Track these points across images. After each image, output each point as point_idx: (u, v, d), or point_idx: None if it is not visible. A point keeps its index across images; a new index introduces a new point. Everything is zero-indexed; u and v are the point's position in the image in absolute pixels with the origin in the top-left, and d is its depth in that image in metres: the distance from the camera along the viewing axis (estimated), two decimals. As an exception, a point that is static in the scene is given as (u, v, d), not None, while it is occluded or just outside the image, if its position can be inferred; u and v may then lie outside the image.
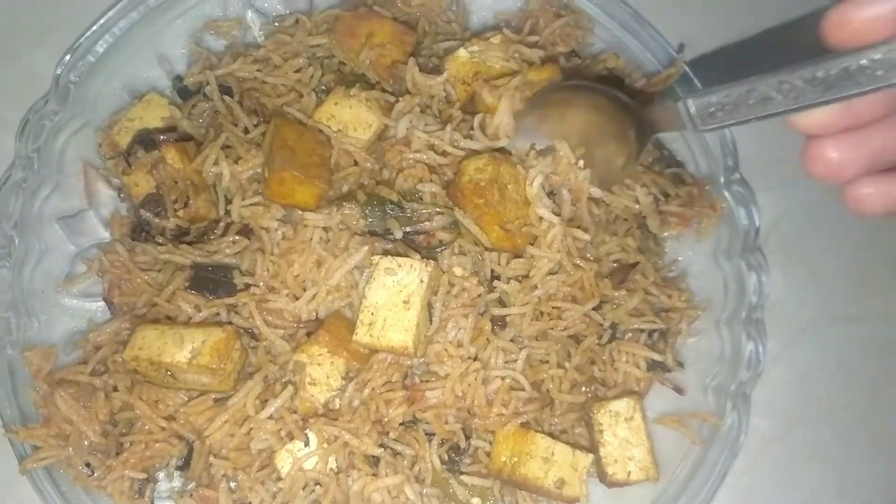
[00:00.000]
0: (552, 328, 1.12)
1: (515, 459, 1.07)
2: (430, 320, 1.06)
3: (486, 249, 1.09)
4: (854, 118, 0.75)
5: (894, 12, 0.69)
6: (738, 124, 0.80)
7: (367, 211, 1.07)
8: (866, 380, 1.28)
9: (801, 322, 1.29)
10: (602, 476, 1.12)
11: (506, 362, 1.09)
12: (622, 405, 1.12)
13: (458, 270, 1.07)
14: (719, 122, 0.81)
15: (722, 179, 1.22)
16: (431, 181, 1.10)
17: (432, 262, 1.05)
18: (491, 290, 1.10)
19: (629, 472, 1.11)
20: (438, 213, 1.07)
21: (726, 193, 1.21)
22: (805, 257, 1.32)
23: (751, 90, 0.77)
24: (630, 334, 1.17)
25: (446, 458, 1.10)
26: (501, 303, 1.10)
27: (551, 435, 1.10)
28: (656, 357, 1.16)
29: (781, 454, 1.25)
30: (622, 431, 1.12)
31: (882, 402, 1.27)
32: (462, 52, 1.16)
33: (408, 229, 1.08)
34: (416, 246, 1.09)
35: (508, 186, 1.07)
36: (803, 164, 0.78)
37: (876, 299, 1.30)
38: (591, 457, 1.09)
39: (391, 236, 1.07)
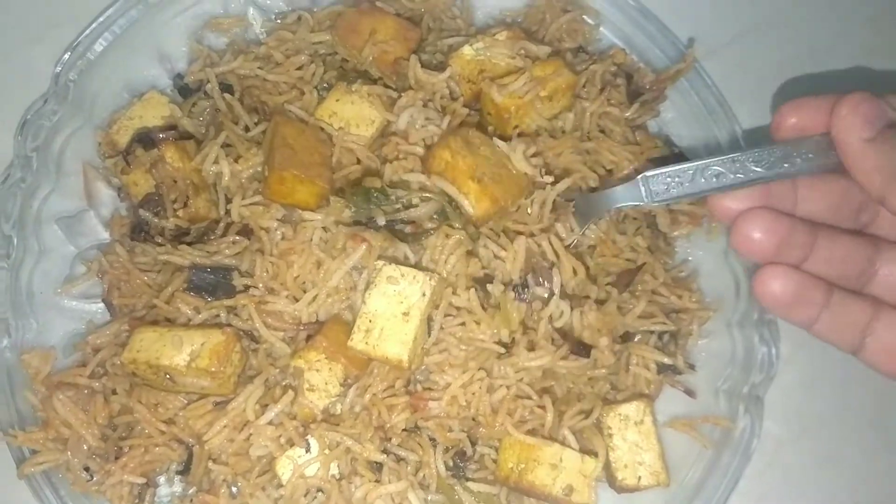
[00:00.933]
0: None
1: (522, 466, 1.04)
2: (429, 334, 1.04)
3: (474, 225, 1.06)
4: (764, 202, 0.88)
5: (823, 110, 0.86)
6: (690, 198, 0.92)
7: (351, 201, 1.05)
8: (880, 381, 1.22)
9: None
10: (611, 481, 1.09)
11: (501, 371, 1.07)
12: (632, 409, 1.09)
13: (461, 300, 1.05)
14: (673, 195, 0.92)
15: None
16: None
17: (437, 275, 1.02)
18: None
19: (639, 477, 1.08)
20: (426, 198, 1.05)
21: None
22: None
23: (707, 168, 0.89)
24: (640, 336, 1.15)
25: (451, 464, 1.07)
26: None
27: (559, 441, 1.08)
28: (666, 360, 1.13)
29: (794, 458, 1.22)
30: (632, 435, 1.09)
31: (894, 404, 1.24)
32: (467, 50, 1.14)
33: (394, 217, 1.06)
34: (403, 235, 1.07)
35: (480, 147, 1.05)
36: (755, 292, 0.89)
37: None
38: (600, 462, 1.06)
39: (375, 225, 1.05)
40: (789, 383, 1.21)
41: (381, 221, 1.05)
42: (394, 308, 1.00)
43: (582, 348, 1.07)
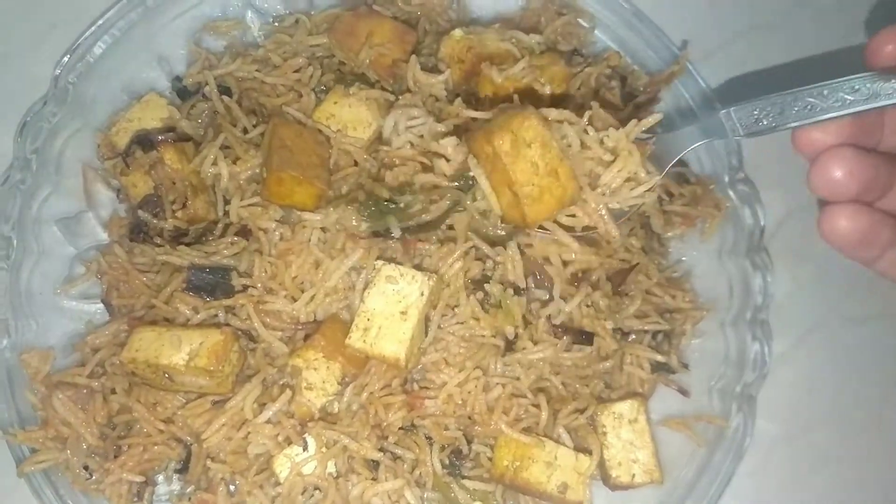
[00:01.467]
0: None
1: (517, 464, 1.05)
2: (426, 333, 1.05)
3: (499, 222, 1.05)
4: (850, 136, 0.83)
5: None
6: (780, 129, 0.86)
7: (365, 213, 1.05)
8: (874, 381, 1.25)
9: (809, 322, 1.28)
10: (606, 479, 1.11)
11: (506, 365, 1.08)
12: (626, 407, 1.11)
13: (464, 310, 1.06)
14: (765, 128, 0.87)
15: (726, 178, 1.20)
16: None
17: (435, 275, 1.03)
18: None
19: (633, 474, 1.09)
20: (433, 200, 1.05)
21: (731, 193, 1.20)
22: (812, 257, 1.29)
23: (796, 98, 0.84)
24: (634, 336, 1.16)
25: (447, 462, 1.08)
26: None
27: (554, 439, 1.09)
28: (660, 359, 1.15)
29: (788, 456, 1.23)
30: (626, 434, 1.10)
31: (890, 404, 1.25)
32: (456, 32, 1.15)
33: (408, 224, 1.05)
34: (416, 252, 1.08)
35: (532, 146, 0.94)
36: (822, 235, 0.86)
37: (883, 299, 1.28)
38: (594, 460, 1.07)
39: (392, 237, 1.06)
40: (783, 382, 1.22)
41: (397, 233, 1.04)
42: (392, 307, 1.01)
43: (584, 337, 1.08)
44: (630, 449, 1.10)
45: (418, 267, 1.06)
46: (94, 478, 1.06)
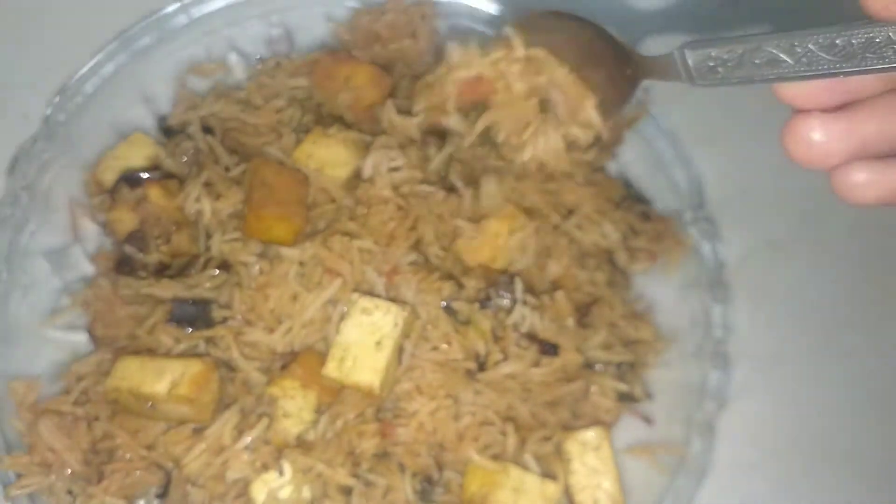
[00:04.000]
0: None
1: (485, 490, 1.09)
2: (400, 362, 1.10)
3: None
4: (850, 95, 0.69)
5: None
6: (740, 84, 0.71)
7: None
8: (832, 412, 1.30)
9: (770, 355, 1.32)
10: (571, 504, 1.15)
11: (477, 393, 1.13)
12: (591, 435, 1.15)
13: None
14: (719, 78, 0.71)
15: (688, 216, 1.26)
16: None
17: (408, 306, 1.08)
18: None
19: (596, 500, 1.13)
20: None
21: (692, 230, 1.26)
22: (773, 291, 1.35)
23: (758, 48, 0.68)
24: (599, 366, 1.21)
25: (419, 488, 1.12)
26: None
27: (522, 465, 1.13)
28: (624, 388, 1.19)
29: (750, 485, 1.27)
30: (591, 461, 1.15)
31: (847, 435, 1.30)
32: (429, 78, 1.20)
33: None
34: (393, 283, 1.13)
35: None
36: (783, 143, 0.70)
37: (840, 334, 1.33)
38: (560, 485, 1.12)
39: None
40: (744, 413, 1.26)
41: None
42: (367, 338, 1.05)
43: (549, 347, 1.12)
44: (594, 475, 1.14)
45: (394, 298, 1.11)
46: (77, 502, 1.09)
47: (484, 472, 1.10)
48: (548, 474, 1.13)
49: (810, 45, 0.64)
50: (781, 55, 0.66)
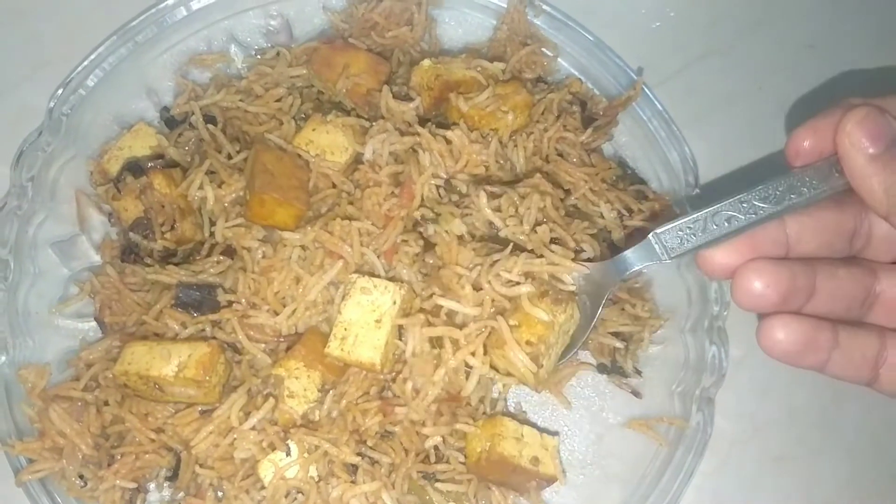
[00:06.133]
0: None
1: (489, 444, 1.11)
2: (400, 338, 1.11)
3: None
4: (756, 251, 0.86)
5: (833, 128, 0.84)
6: (705, 246, 0.87)
7: None
8: (827, 382, 1.30)
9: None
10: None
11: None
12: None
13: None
14: (689, 246, 0.89)
15: (683, 195, 1.28)
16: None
17: (406, 284, 1.10)
18: None
19: None
20: None
21: (688, 207, 1.28)
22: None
23: (716, 213, 0.87)
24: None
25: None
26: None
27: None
28: (618, 345, 1.22)
29: (748, 456, 1.29)
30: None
31: (843, 405, 1.32)
32: (425, 62, 1.24)
33: None
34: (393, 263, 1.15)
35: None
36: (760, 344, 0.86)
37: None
38: (557, 438, 1.14)
39: None
40: (741, 385, 1.29)
41: None
42: (367, 316, 1.08)
43: None
44: None
45: (392, 277, 1.13)
46: (88, 486, 1.11)
47: (484, 429, 1.12)
48: (545, 429, 1.16)
49: (754, 201, 0.86)
50: (733, 213, 0.86)
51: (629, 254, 0.96)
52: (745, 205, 0.86)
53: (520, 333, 0.99)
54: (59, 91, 1.25)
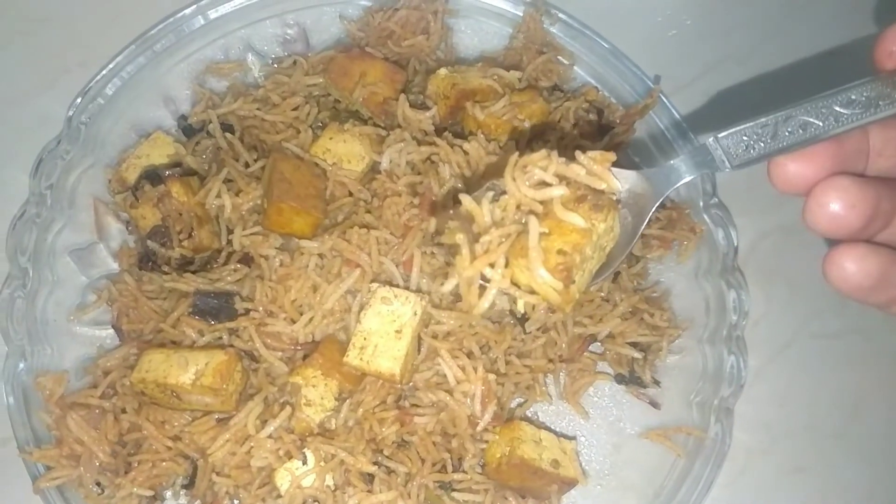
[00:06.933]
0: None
1: (508, 449, 1.11)
2: (419, 350, 1.12)
3: None
4: (837, 164, 0.74)
5: None
6: (775, 156, 0.75)
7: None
8: (846, 393, 1.32)
9: (783, 339, 1.34)
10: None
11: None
12: None
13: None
14: (757, 154, 0.76)
15: (700, 203, 1.28)
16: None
17: (427, 295, 1.10)
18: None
19: None
20: None
21: (705, 216, 1.27)
22: (784, 277, 1.37)
23: (788, 118, 0.74)
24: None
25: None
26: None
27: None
28: (636, 355, 1.22)
29: (765, 467, 1.28)
30: None
31: (861, 414, 1.31)
32: (441, 71, 1.24)
33: None
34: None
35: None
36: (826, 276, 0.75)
37: (853, 316, 1.34)
38: (574, 441, 1.14)
39: None
40: (759, 396, 1.28)
41: None
42: (387, 326, 1.08)
43: None
44: None
45: (411, 287, 1.13)
46: (105, 493, 1.12)
47: (503, 434, 1.12)
48: (561, 434, 1.17)
49: (835, 106, 0.73)
50: (811, 119, 0.73)
51: (681, 161, 0.82)
52: (824, 110, 0.73)
53: (551, 242, 0.77)
54: (78, 100, 1.26)
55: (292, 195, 1.13)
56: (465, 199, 0.81)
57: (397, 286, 1.12)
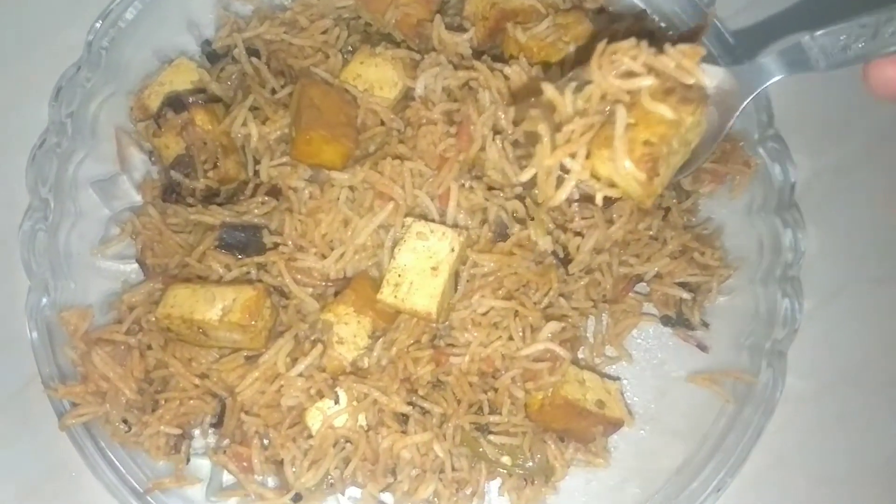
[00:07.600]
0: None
1: (551, 389, 1.06)
2: (455, 289, 1.07)
3: None
4: None
5: None
6: (874, 58, 0.71)
7: None
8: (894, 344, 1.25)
9: (835, 282, 1.27)
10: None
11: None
12: None
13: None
14: (854, 55, 0.73)
15: (756, 136, 1.20)
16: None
17: (465, 231, 1.05)
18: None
19: None
20: None
21: (760, 150, 1.19)
22: (838, 217, 1.29)
23: (891, 18, 0.70)
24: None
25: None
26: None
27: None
28: (685, 295, 1.16)
29: (815, 414, 1.22)
30: None
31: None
32: None
33: None
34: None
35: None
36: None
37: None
38: (618, 382, 1.10)
39: None
40: (809, 340, 1.21)
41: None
42: (423, 263, 1.02)
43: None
44: None
45: (446, 223, 1.07)
46: (132, 431, 1.09)
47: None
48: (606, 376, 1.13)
49: None
50: None
51: (772, 60, 0.80)
52: None
53: (637, 132, 0.76)
54: (98, 24, 1.20)
55: (322, 123, 1.07)
56: (548, 88, 0.80)
57: (433, 221, 1.06)
